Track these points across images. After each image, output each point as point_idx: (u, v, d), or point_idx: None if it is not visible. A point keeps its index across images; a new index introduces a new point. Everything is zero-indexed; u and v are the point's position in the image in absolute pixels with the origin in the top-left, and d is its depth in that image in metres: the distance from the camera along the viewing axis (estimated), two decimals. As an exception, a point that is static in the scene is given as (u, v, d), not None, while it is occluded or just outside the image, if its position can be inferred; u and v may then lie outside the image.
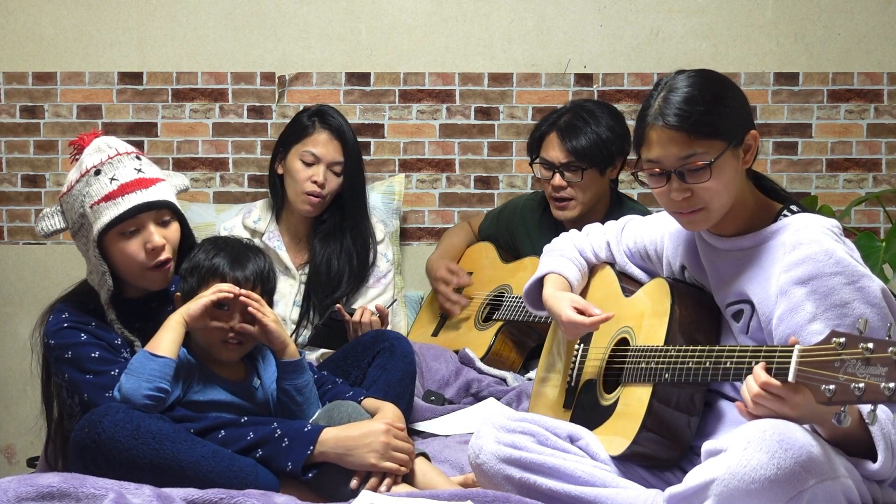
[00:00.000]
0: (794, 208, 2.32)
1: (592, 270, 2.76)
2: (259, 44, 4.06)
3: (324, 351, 3.37)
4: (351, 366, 2.97)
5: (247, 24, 4.05)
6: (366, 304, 3.39)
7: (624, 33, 4.06)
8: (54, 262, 4.07)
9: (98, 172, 2.62)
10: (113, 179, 2.61)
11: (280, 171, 3.59)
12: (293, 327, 3.49)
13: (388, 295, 3.61)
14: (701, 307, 2.39)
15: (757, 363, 2.02)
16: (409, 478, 2.56)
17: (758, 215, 2.33)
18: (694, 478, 2.03)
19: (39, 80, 4.06)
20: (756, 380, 2.00)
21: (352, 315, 3.23)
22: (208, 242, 2.72)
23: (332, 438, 2.50)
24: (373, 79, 4.08)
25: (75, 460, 2.45)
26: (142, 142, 4.04)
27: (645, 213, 3.20)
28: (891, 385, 1.78)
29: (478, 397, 3.26)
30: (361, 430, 2.53)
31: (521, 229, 3.69)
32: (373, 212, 3.76)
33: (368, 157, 4.03)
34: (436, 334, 3.73)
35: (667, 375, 2.26)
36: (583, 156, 3.44)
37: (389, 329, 3.31)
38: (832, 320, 2.14)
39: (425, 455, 2.63)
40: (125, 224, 2.61)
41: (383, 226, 3.77)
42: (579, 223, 3.26)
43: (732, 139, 2.26)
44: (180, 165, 4.07)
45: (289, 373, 2.66)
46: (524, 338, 3.51)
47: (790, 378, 1.95)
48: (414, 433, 2.96)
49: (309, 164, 3.50)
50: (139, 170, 2.65)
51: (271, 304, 2.69)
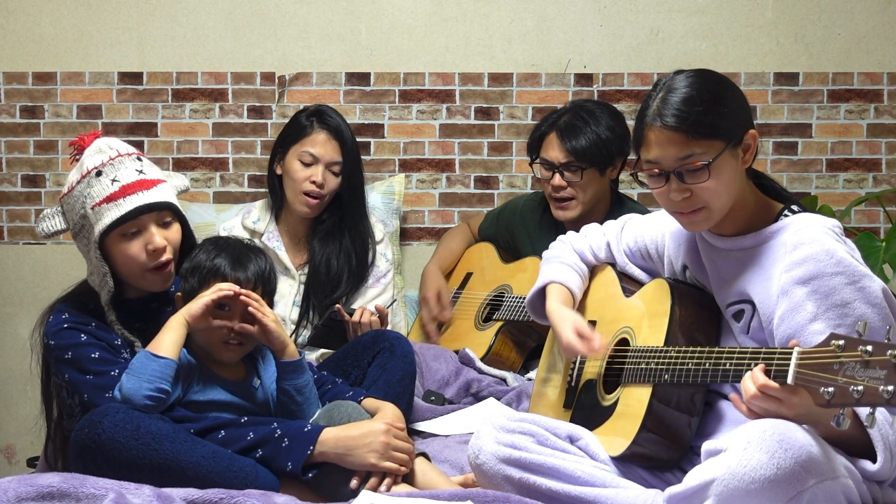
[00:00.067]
0: (794, 208, 2.32)
1: (593, 271, 2.76)
2: (259, 44, 4.06)
3: (323, 351, 3.37)
4: (351, 366, 2.97)
5: (247, 24, 4.05)
6: (365, 304, 3.39)
7: (624, 33, 4.06)
8: (54, 262, 4.07)
9: (99, 174, 2.62)
10: (114, 181, 2.61)
11: (279, 171, 3.58)
12: (293, 327, 3.48)
13: (387, 295, 3.60)
14: (701, 308, 2.39)
15: (756, 365, 2.02)
16: (409, 478, 2.56)
17: (758, 215, 2.33)
18: (694, 478, 2.03)
19: (39, 80, 4.05)
20: (754, 382, 2.00)
21: (351, 315, 3.23)
22: (209, 242, 2.71)
23: (332, 438, 2.50)
24: (373, 79, 4.08)
25: (75, 460, 2.45)
26: (142, 142, 4.04)
27: (645, 213, 3.19)
28: (889, 388, 1.78)
29: (478, 397, 3.26)
30: (361, 430, 2.53)
31: (521, 229, 3.68)
32: (372, 212, 3.76)
33: (368, 157, 4.03)
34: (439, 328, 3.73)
35: (667, 376, 2.26)
36: (582, 156, 3.44)
37: (389, 329, 3.31)
38: (833, 320, 2.14)
39: (425, 455, 2.63)
40: (127, 225, 2.61)
41: (383, 226, 3.76)
42: (579, 223, 3.25)
43: (731, 139, 2.26)
44: (180, 165, 4.07)
45: (288, 373, 2.66)
46: (524, 338, 3.51)
47: (789, 380, 1.95)
48: (414, 433, 2.96)
49: (307, 165, 3.50)
50: (140, 171, 2.65)
51: (272, 304, 2.69)
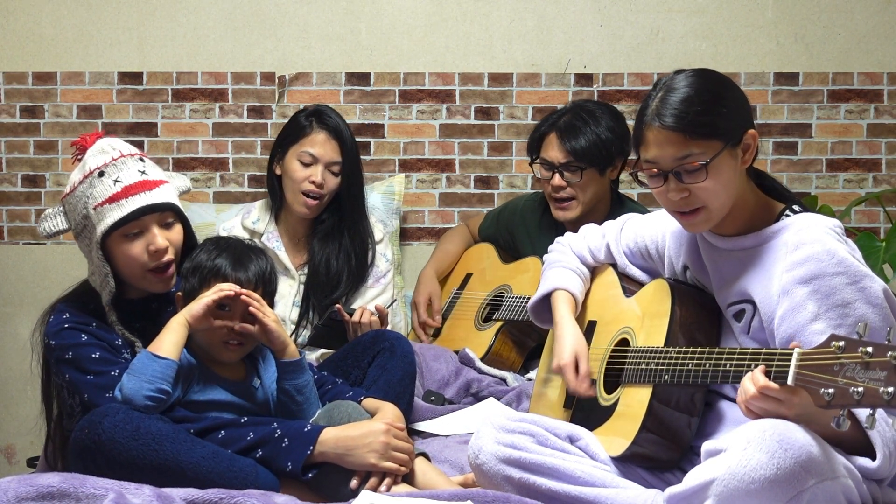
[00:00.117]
0: (796, 208, 2.31)
1: (594, 272, 2.76)
2: (259, 44, 4.06)
3: (324, 351, 3.37)
4: (351, 366, 2.97)
5: (247, 24, 4.05)
6: (365, 304, 3.38)
7: (624, 33, 4.06)
8: (54, 262, 4.07)
9: (102, 174, 2.62)
10: (117, 181, 2.61)
11: (278, 171, 3.58)
12: (292, 327, 3.48)
13: (387, 295, 3.60)
14: (701, 308, 2.39)
15: (756, 366, 2.02)
16: (409, 478, 2.56)
17: (759, 215, 2.32)
18: (694, 478, 2.03)
19: (39, 80, 4.05)
20: (755, 383, 2.00)
21: (351, 315, 3.22)
22: (210, 242, 2.71)
23: (332, 438, 2.50)
24: (373, 79, 4.08)
25: (75, 461, 2.45)
26: (142, 142, 4.03)
27: (645, 213, 3.19)
28: (889, 389, 1.78)
29: (478, 397, 3.26)
30: (361, 430, 2.53)
31: (521, 230, 3.68)
32: (372, 212, 3.76)
33: (368, 157, 4.03)
34: (436, 335, 3.73)
35: (667, 377, 2.25)
36: (582, 156, 3.44)
37: (389, 329, 3.31)
38: (834, 320, 2.14)
39: (425, 455, 2.63)
40: (129, 226, 2.61)
41: (382, 226, 3.76)
42: (579, 224, 3.25)
43: (730, 139, 2.25)
44: (180, 165, 4.07)
45: (289, 373, 2.65)
46: (524, 338, 3.50)
47: (789, 381, 1.95)
48: (414, 433, 2.96)
49: (307, 165, 3.50)
50: (143, 171, 2.65)
51: (272, 304, 2.69)
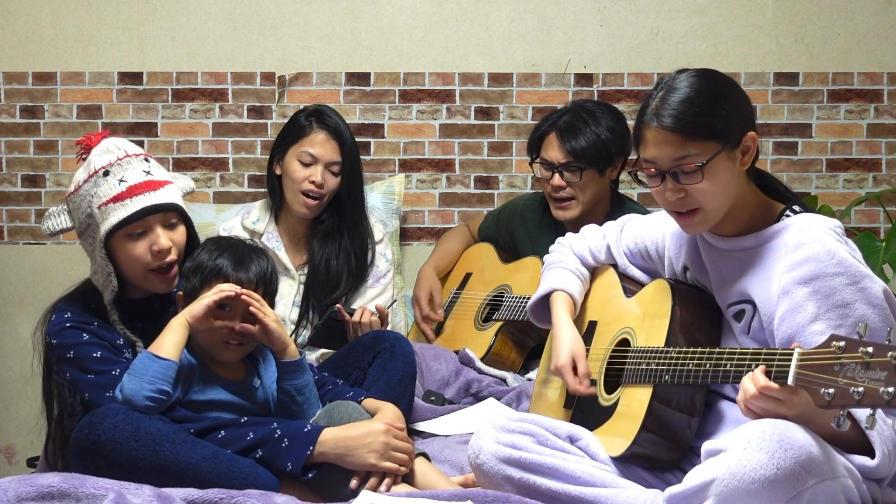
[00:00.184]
0: (796, 208, 2.31)
1: (594, 272, 2.76)
2: (259, 44, 4.06)
3: (324, 351, 3.37)
4: (351, 366, 2.97)
5: (247, 24, 4.05)
6: (365, 304, 3.38)
7: (624, 33, 4.06)
8: (54, 262, 4.06)
9: (107, 173, 2.63)
10: (122, 181, 2.62)
11: (278, 171, 3.58)
12: (292, 328, 3.48)
13: (387, 295, 3.60)
14: (702, 308, 2.39)
15: (757, 366, 2.02)
16: (409, 478, 2.56)
17: (759, 215, 2.32)
18: (694, 478, 2.03)
19: (39, 80, 4.05)
20: (755, 383, 2.00)
21: (351, 315, 3.22)
22: (211, 242, 2.71)
23: (332, 438, 2.50)
24: (373, 79, 4.07)
25: (75, 461, 2.45)
26: (142, 142, 4.03)
27: (645, 213, 3.19)
28: (890, 389, 1.78)
29: (478, 397, 3.25)
30: (361, 430, 2.53)
31: (521, 230, 3.68)
32: (372, 212, 3.76)
33: (368, 157, 4.03)
34: (436, 334, 3.73)
35: (667, 377, 2.25)
36: (582, 156, 3.43)
37: (389, 329, 3.31)
38: (834, 321, 2.14)
39: (425, 455, 2.63)
40: (133, 226, 2.62)
41: (382, 226, 3.76)
42: (579, 223, 3.25)
43: (728, 141, 2.25)
44: (180, 165, 4.07)
45: (289, 373, 2.65)
46: (524, 338, 3.50)
47: (790, 381, 1.95)
48: (414, 433, 2.96)
49: (307, 165, 3.50)
50: (148, 172, 2.66)
51: (273, 305, 2.69)
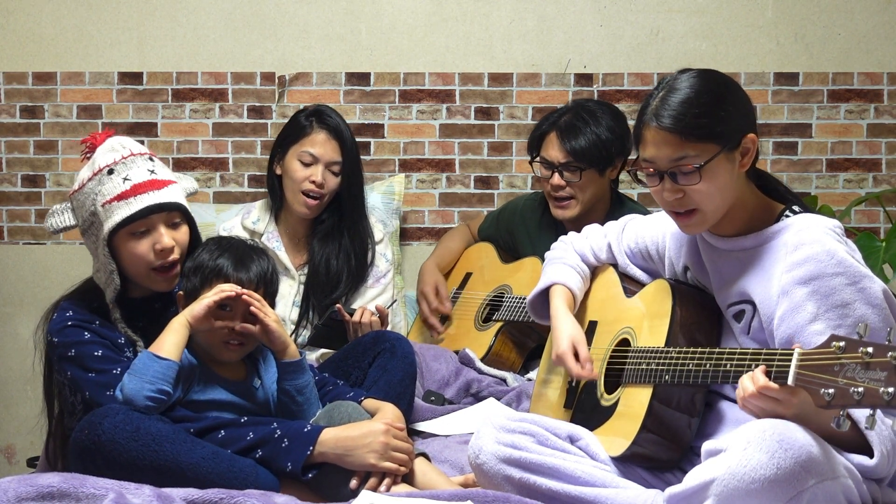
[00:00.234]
0: (796, 208, 2.31)
1: (595, 271, 2.76)
2: (259, 44, 4.06)
3: (324, 351, 3.37)
4: (351, 366, 2.97)
5: (247, 24, 4.05)
6: (365, 305, 3.38)
7: (624, 33, 4.06)
8: (54, 262, 4.06)
9: (111, 172, 2.64)
10: (126, 179, 2.63)
11: (278, 171, 3.58)
12: (292, 327, 3.48)
13: (387, 295, 3.60)
14: (702, 308, 2.39)
15: (757, 366, 2.02)
16: (408, 478, 2.56)
17: (759, 216, 2.33)
18: (694, 478, 2.03)
19: (39, 80, 4.05)
20: (755, 383, 2.00)
21: (351, 315, 3.22)
22: (213, 242, 2.71)
23: (332, 439, 2.50)
24: (373, 79, 4.07)
25: (75, 462, 2.45)
26: (142, 142, 3.96)
27: (645, 213, 3.20)
28: (890, 390, 1.78)
29: (478, 397, 3.25)
30: (361, 430, 2.53)
31: (521, 229, 3.68)
32: (372, 212, 3.76)
33: (368, 157, 4.03)
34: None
35: (667, 377, 2.25)
36: (581, 156, 3.43)
37: (390, 330, 3.31)
38: (833, 321, 2.14)
39: (425, 455, 2.63)
40: (136, 224, 2.62)
41: (382, 226, 3.76)
42: (579, 222, 3.26)
43: (727, 143, 2.25)
44: (180, 165, 4.07)
45: (289, 373, 2.66)
46: (524, 338, 3.50)
47: (790, 381, 1.95)
48: (414, 433, 2.96)
49: (307, 165, 3.50)
50: (152, 171, 2.67)
51: (273, 305, 2.69)
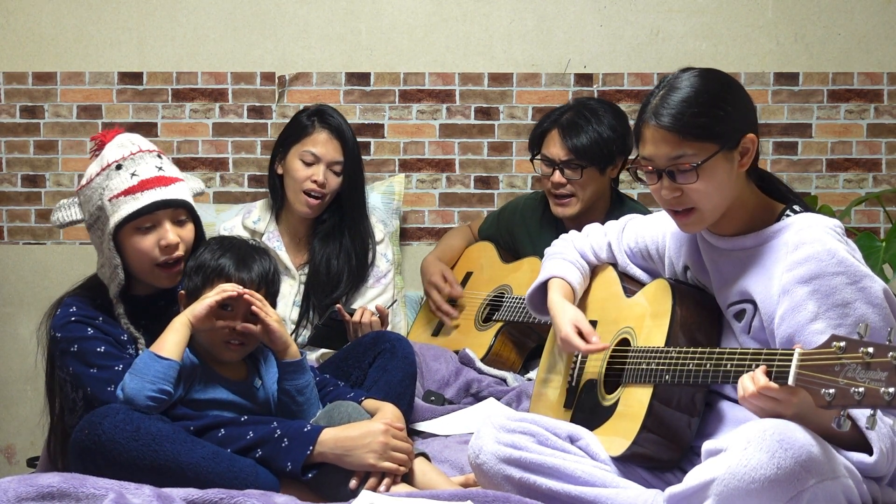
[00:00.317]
0: (796, 208, 2.32)
1: (594, 271, 2.76)
2: (259, 44, 4.06)
3: (324, 351, 3.37)
4: (352, 367, 2.97)
5: (247, 24, 4.05)
6: (365, 305, 3.38)
7: (624, 33, 4.06)
8: (54, 262, 4.06)
9: (119, 167, 2.65)
10: (133, 175, 2.64)
11: (280, 171, 3.58)
12: (293, 327, 3.48)
13: (387, 295, 3.60)
14: (702, 308, 2.39)
15: (757, 366, 2.02)
16: (408, 478, 2.56)
17: (759, 215, 2.33)
18: (694, 477, 2.03)
19: (39, 80, 4.05)
20: (755, 383, 2.00)
21: (352, 315, 3.23)
22: (214, 242, 2.72)
23: (331, 439, 2.50)
24: (373, 79, 4.08)
25: (75, 461, 2.45)
26: (142, 142, 4.03)
27: (645, 213, 3.20)
28: (890, 390, 1.78)
29: (478, 397, 3.25)
30: (360, 430, 2.53)
31: (521, 228, 3.68)
32: (373, 212, 3.76)
33: (368, 157, 4.03)
34: (436, 334, 3.73)
35: (667, 377, 2.25)
36: (583, 154, 3.43)
37: (390, 330, 3.31)
38: (833, 320, 2.14)
39: (425, 455, 2.63)
40: (142, 219, 2.63)
41: (383, 226, 3.76)
42: (579, 221, 3.26)
43: (726, 143, 2.25)
44: (180, 165, 3.97)
45: (290, 373, 2.66)
46: (524, 338, 3.50)
47: (790, 381, 1.95)
48: (414, 433, 2.96)
49: (309, 164, 3.50)
50: (160, 168, 2.68)
51: (275, 305, 2.69)
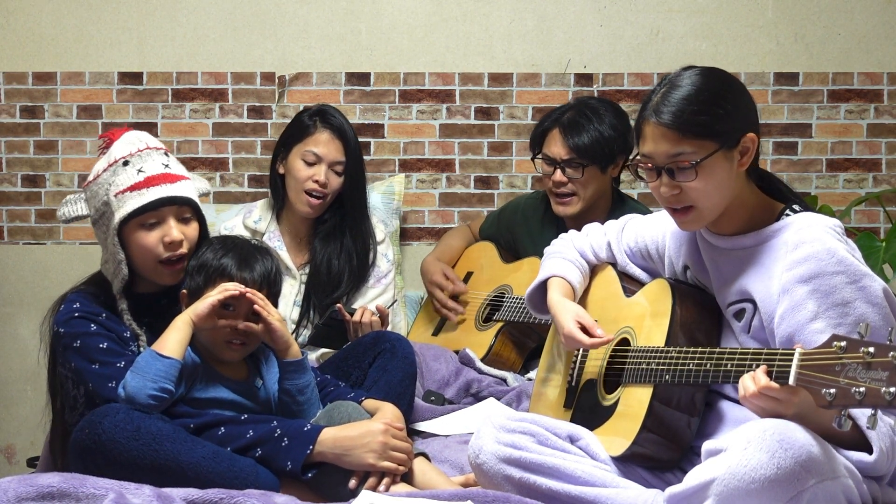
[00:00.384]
0: (796, 207, 2.32)
1: (594, 270, 2.76)
2: (259, 44, 4.06)
3: (324, 351, 3.37)
4: (352, 367, 2.97)
5: (247, 24, 4.05)
6: (366, 304, 3.38)
7: (624, 33, 4.06)
8: (54, 262, 4.06)
9: (126, 163, 2.66)
10: (140, 171, 2.65)
11: (281, 170, 3.58)
12: (293, 327, 3.48)
13: (388, 295, 3.60)
14: (702, 308, 2.39)
15: (758, 365, 2.02)
16: (408, 478, 2.56)
17: (759, 215, 2.33)
18: (694, 477, 2.03)
19: (39, 80, 4.05)
20: (756, 383, 2.00)
21: (352, 315, 3.23)
22: (217, 241, 2.72)
23: (331, 438, 2.51)
24: (373, 79, 4.08)
25: (75, 461, 2.45)
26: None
27: (646, 212, 3.20)
28: (891, 389, 1.78)
29: (478, 397, 3.25)
30: (360, 429, 2.53)
31: (522, 228, 3.68)
32: (373, 212, 3.76)
33: (368, 157, 4.03)
34: (436, 334, 3.73)
35: (667, 376, 2.25)
36: (584, 153, 3.43)
37: (390, 330, 3.31)
38: (833, 319, 2.14)
39: (425, 455, 2.63)
40: (147, 215, 2.64)
41: (384, 226, 3.76)
42: (580, 220, 3.26)
43: (725, 141, 2.25)
44: (180, 165, 4.06)
45: (291, 373, 2.66)
46: (524, 338, 3.50)
47: (791, 381, 1.95)
48: (414, 433, 2.96)
49: (311, 164, 3.50)
50: (166, 165, 2.69)
51: (276, 305, 2.69)
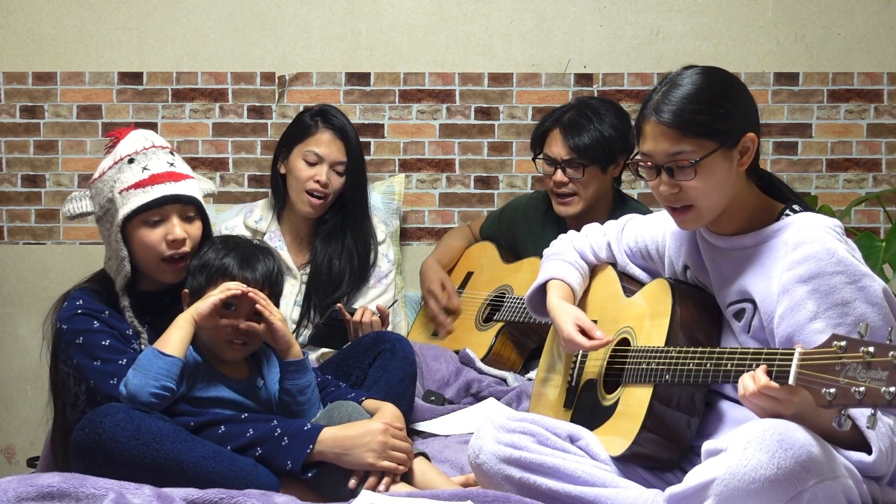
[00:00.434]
0: (796, 207, 2.32)
1: (594, 271, 2.76)
2: (259, 44, 4.06)
3: (324, 351, 3.37)
4: (352, 366, 2.97)
5: (247, 24, 4.05)
6: (366, 304, 3.39)
7: (624, 33, 4.06)
8: (54, 262, 4.06)
9: (132, 161, 2.67)
10: (145, 169, 2.65)
11: (282, 170, 3.58)
12: (294, 327, 3.48)
13: (388, 295, 3.60)
14: (702, 308, 2.39)
15: (758, 365, 2.02)
16: (408, 478, 2.56)
17: (758, 215, 2.33)
18: (694, 477, 2.03)
19: (39, 80, 4.05)
20: (756, 382, 2.00)
21: (352, 315, 3.23)
22: (218, 241, 2.72)
23: (331, 438, 2.51)
24: (373, 79, 4.08)
25: (76, 460, 2.45)
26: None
27: (646, 212, 3.20)
28: (891, 389, 1.78)
29: (478, 397, 3.26)
30: (359, 429, 2.53)
31: (523, 227, 3.68)
32: (373, 212, 3.76)
33: (368, 157, 4.03)
34: (436, 334, 3.73)
35: (667, 376, 2.25)
36: (585, 153, 3.43)
37: (390, 330, 3.31)
38: (833, 319, 2.14)
39: (425, 455, 2.63)
40: (151, 213, 2.64)
41: (384, 226, 3.76)
42: (581, 219, 3.26)
43: (725, 141, 2.25)
44: (180, 165, 4.06)
45: (291, 372, 2.66)
46: (525, 339, 3.50)
47: (791, 381, 1.95)
48: (414, 433, 2.96)
49: (312, 164, 3.50)
50: (171, 164, 2.70)
51: (278, 305, 2.69)
